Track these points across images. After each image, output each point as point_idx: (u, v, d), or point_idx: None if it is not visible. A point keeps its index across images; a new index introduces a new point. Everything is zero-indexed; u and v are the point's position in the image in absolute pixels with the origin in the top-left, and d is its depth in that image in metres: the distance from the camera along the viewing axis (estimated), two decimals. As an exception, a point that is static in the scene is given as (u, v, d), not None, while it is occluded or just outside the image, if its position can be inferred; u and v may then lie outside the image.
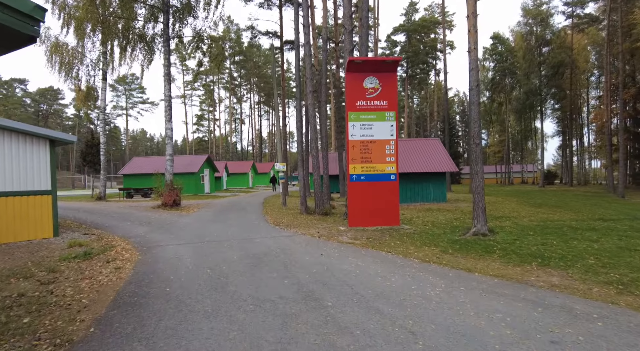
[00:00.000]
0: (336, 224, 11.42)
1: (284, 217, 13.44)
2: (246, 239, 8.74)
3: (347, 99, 10.44)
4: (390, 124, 10.45)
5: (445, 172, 18.74)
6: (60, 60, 19.49)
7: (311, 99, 13.90)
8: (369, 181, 10.34)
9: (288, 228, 10.79)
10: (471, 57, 9.04)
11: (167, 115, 17.99)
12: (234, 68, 63.00)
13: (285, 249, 7.46)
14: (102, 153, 21.38)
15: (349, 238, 8.88)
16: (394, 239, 8.54)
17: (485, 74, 62.95)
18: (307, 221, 12.35)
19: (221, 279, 5.24)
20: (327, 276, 5.41)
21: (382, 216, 10.36)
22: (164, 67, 17.98)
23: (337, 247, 7.70)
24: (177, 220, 12.74)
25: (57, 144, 9.58)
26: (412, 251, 7.31)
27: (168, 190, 17.35)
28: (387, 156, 10.42)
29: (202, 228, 10.85)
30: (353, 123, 10.37)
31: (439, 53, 53.00)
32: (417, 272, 5.67)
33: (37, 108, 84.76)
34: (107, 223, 12.15)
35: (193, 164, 30.18)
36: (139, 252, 7.31)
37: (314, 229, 10.26)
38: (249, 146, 77.72)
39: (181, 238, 8.96)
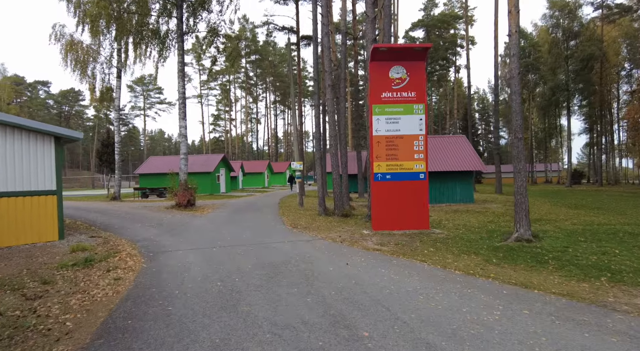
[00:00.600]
0: (358, 227, 10.55)
1: (301, 219, 12.66)
2: (262, 244, 7.97)
3: (370, 90, 9.56)
4: (418, 117, 9.52)
5: (472, 171, 17.62)
6: (75, 58, 19.24)
7: (330, 93, 13.06)
8: (396, 180, 9.44)
9: (306, 231, 9.99)
10: (512, 42, 8.03)
11: (182, 113, 17.47)
12: (249, 67, 62.75)
13: (305, 257, 6.65)
14: (117, 152, 21.09)
15: (374, 243, 8.01)
16: (426, 246, 7.62)
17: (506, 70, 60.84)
18: (326, 223, 11.53)
19: (233, 295, 4.47)
20: (356, 292, 4.57)
21: (410, 219, 9.44)
22: (178, 64, 17.48)
23: (363, 255, 6.84)
24: (189, 222, 12.12)
25: (63, 141, 9.03)
26: (451, 260, 6.39)
27: (182, 190, 16.82)
28: (415, 152, 9.49)
29: (215, 230, 10.16)
30: (377, 117, 9.48)
31: (459, 49, 51.39)
32: (463, 288, 4.77)
33: (60, 110, 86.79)
34: (117, 224, 11.62)
35: (209, 163, 29.78)
36: (144, 259, 6.63)
37: (335, 233, 9.43)
38: (265, 146, 77.51)
39: (192, 243, 8.27)
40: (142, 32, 18.29)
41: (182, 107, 17.43)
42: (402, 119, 9.48)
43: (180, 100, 17.41)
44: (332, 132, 13.20)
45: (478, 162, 17.71)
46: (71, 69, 19.14)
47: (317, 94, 13.78)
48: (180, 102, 17.43)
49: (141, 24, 17.95)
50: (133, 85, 76.67)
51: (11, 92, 69.97)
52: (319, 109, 13.99)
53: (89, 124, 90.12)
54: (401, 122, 9.48)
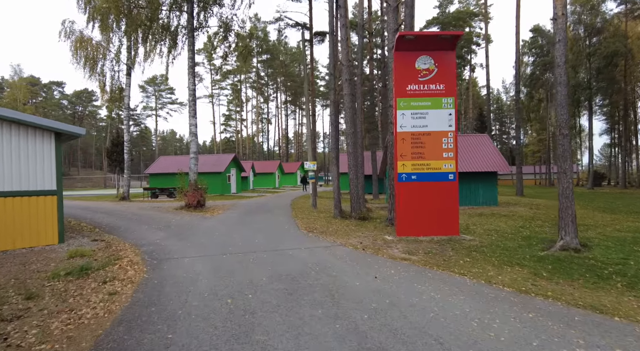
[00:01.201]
0: (379, 232, 9.74)
1: (316, 221, 11.90)
2: (276, 250, 7.23)
3: (395, 82, 8.75)
4: (448, 112, 8.67)
5: (496, 172, 16.63)
6: (85, 55, 18.85)
7: (348, 88, 12.28)
8: (422, 181, 8.60)
9: (323, 235, 9.22)
10: (558, 26, 7.14)
11: (192, 111, 16.89)
12: (260, 67, 62.34)
13: (326, 266, 5.88)
14: (126, 151, 20.65)
15: (401, 251, 7.20)
16: (460, 255, 6.77)
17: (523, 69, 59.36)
18: (343, 227, 10.74)
19: (246, 319, 3.72)
20: (394, 317, 3.78)
21: (437, 224, 8.59)
22: (188, 60, 16.91)
23: (391, 265, 6.03)
24: (199, 224, 11.47)
25: (64, 137, 8.45)
26: (493, 273, 5.55)
27: (192, 190, 16.23)
28: (444, 151, 8.65)
29: (226, 234, 9.46)
30: (402, 112, 8.67)
31: (474, 47, 50.10)
32: (522, 311, 3.94)
33: (74, 110, 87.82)
34: (123, 226, 11.03)
35: (219, 163, 29.26)
36: (147, 267, 5.94)
37: (355, 239, 8.64)
38: (276, 146, 77.05)
39: (200, 248, 7.58)
40: (152, 28, 17.80)
41: (193, 105, 16.86)
42: (429, 114, 8.65)
43: (191, 97, 16.84)
44: (350, 129, 12.42)
45: (502, 162, 16.72)
46: (81, 66, 18.76)
47: (333, 89, 13.01)
48: (190, 100, 16.86)
49: (151, 19, 17.44)
50: (145, 85, 77.12)
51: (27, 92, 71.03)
52: (335, 105, 13.21)
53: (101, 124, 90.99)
54: (428, 118, 8.65)
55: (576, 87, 42.24)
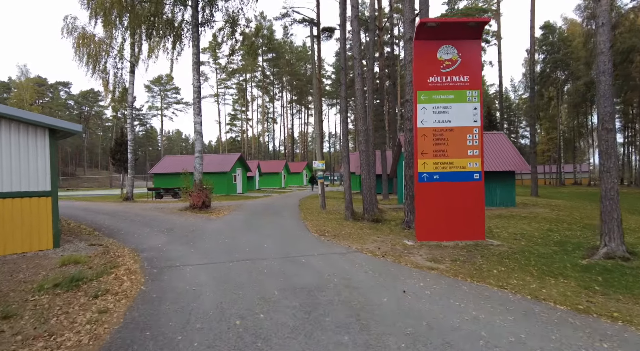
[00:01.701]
0: (396, 235, 9.06)
1: (326, 224, 11.26)
2: (288, 257, 6.59)
3: (415, 74, 8.07)
4: (472, 106, 7.97)
5: (513, 172, 15.85)
6: (87, 52, 18.37)
7: (360, 82, 11.62)
8: (445, 181, 7.91)
9: (336, 239, 8.57)
10: (602, 7, 6.42)
11: (196, 108, 16.33)
12: (266, 66, 61.82)
13: (345, 278, 5.23)
14: (130, 151, 20.16)
15: (425, 258, 6.52)
16: (492, 263, 6.08)
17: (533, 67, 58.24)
18: (356, 230, 10.08)
19: (258, 346, 3.08)
20: (437, 345, 3.11)
21: (462, 228, 7.90)
22: (192, 56, 16.34)
23: (418, 276, 5.37)
24: (204, 226, 10.87)
25: (59, 135, 7.89)
26: (536, 286, 4.86)
27: (197, 190, 15.67)
28: (468, 148, 7.95)
29: (232, 237, 8.85)
30: (423, 105, 7.98)
31: (484, 44, 49.08)
32: (591, 340, 3.25)
33: (80, 110, 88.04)
34: (124, 228, 10.46)
35: (225, 163, 28.73)
36: (145, 277, 5.33)
37: (371, 244, 7.97)
38: (281, 146, 76.53)
39: (205, 254, 6.96)
40: (156, 23, 17.27)
41: (197, 102, 16.29)
42: (452, 108, 7.96)
43: (195, 95, 16.27)
44: (362, 126, 11.75)
45: (520, 161, 15.94)
46: (83, 63, 18.28)
47: (344, 83, 12.36)
48: (195, 97, 16.29)
49: (155, 14, 16.91)
50: (150, 85, 77.01)
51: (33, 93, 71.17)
52: (345, 101, 12.54)
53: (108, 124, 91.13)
54: (452, 112, 7.96)
55: (590, 85, 41.17)
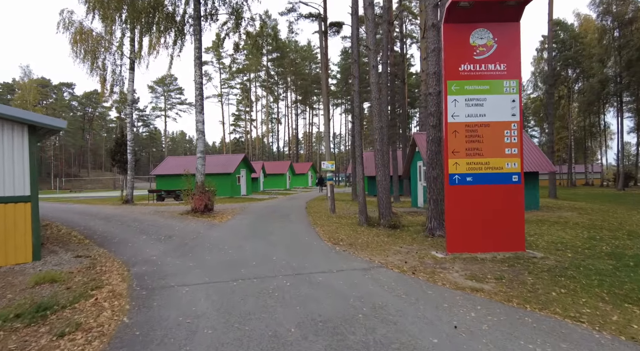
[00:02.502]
0: (420, 245, 8.07)
1: (339, 230, 10.29)
2: (301, 274, 5.62)
3: (445, 62, 7.08)
4: (510, 98, 6.97)
5: (537, 173, 14.79)
6: (84, 48, 17.55)
7: (375, 75, 10.65)
8: (479, 183, 6.92)
9: (353, 249, 7.60)
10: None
11: (198, 106, 15.44)
12: (270, 65, 61.01)
13: (376, 305, 4.25)
14: (129, 151, 19.30)
15: (463, 276, 5.53)
16: (546, 283, 5.07)
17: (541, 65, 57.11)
18: (373, 238, 9.10)
19: None
20: None
21: (498, 237, 6.89)
22: (194, 50, 15.46)
23: (464, 302, 4.38)
24: (206, 233, 9.94)
25: (41, 132, 6.99)
26: (619, 318, 3.84)
27: (199, 193, 14.76)
28: (506, 146, 6.95)
29: (237, 247, 7.90)
30: (454, 97, 6.99)
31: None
32: None
33: (84, 111, 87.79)
34: (118, 236, 9.56)
35: (229, 164, 27.86)
36: (131, 303, 4.38)
37: (395, 256, 6.99)
38: (285, 147, 75.61)
39: (205, 270, 6.01)
40: (156, 17, 16.40)
41: (199, 99, 15.40)
42: (488, 101, 6.96)
43: (197, 91, 15.38)
44: (377, 123, 10.77)
45: (544, 161, 14.88)
46: (80, 59, 17.46)
47: (357, 77, 11.38)
48: (196, 94, 15.40)
49: (155, 8, 16.05)
50: (154, 85, 76.52)
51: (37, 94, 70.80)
52: (359, 97, 11.57)
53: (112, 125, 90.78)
54: (487, 105, 6.96)
55: (605, 82, 39.90)
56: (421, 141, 15.33)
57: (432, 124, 9.09)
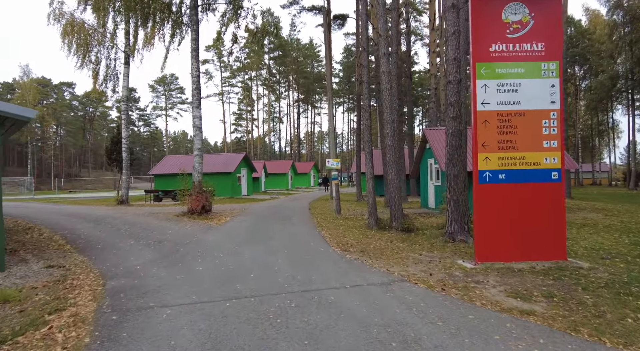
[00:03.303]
0: (440, 251, 7.12)
1: (348, 234, 9.35)
2: (308, 291, 4.68)
3: (473, 41, 6.12)
4: (549, 83, 6.01)
5: (557, 170, 13.77)
6: (76, 41, 16.67)
7: (386, 64, 9.70)
8: (513, 182, 5.96)
9: (366, 257, 6.67)
10: None
11: (195, 100, 14.53)
12: (272, 64, 60.10)
13: (407, 338, 3.30)
14: (125, 150, 18.41)
15: (504, 292, 4.57)
16: (611, 303, 4.11)
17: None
18: (386, 242, 8.16)
19: None
20: None
21: (535, 244, 5.94)
22: (191, 42, 14.54)
23: (519, 332, 3.42)
24: (200, 238, 9.02)
25: (8, 123, 6.07)
26: None
27: (196, 193, 13.85)
28: (544, 138, 6.00)
29: (234, 254, 6.98)
30: (484, 82, 6.03)
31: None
32: None
33: (85, 111, 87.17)
34: (104, 240, 8.65)
35: (229, 163, 26.94)
36: (93, 335, 3.44)
37: (416, 265, 6.04)
38: (287, 147, 74.67)
39: (194, 284, 5.08)
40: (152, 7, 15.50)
41: (196, 93, 14.49)
42: (523, 86, 6.00)
43: (194, 85, 14.46)
44: (389, 116, 9.82)
45: (567, 159, 13.86)
46: (72, 53, 16.57)
47: (365, 66, 10.43)
48: (193, 88, 14.48)
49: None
50: (155, 85, 75.81)
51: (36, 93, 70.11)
52: (367, 88, 10.62)
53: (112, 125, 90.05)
54: (522, 91, 6.00)
55: (616, 78, 38.81)
56: (432, 137, 14.37)
57: (453, 116, 8.13)
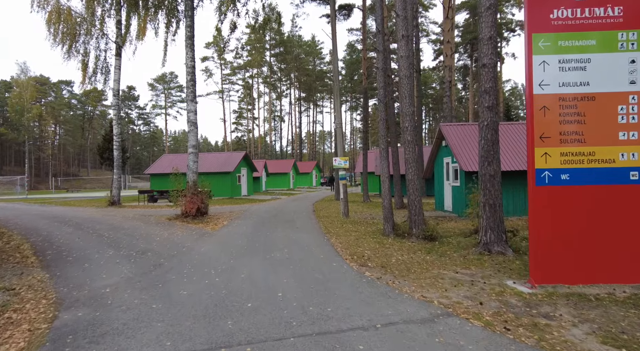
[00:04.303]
0: (479, 267, 5.86)
1: (361, 243, 8.11)
2: (326, 334, 3.42)
3: (528, 7, 4.86)
4: (628, 57, 4.75)
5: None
6: (62, 29, 15.45)
7: (405, 48, 8.46)
8: (581, 183, 4.72)
9: (389, 275, 5.44)
10: None
11: (190, 93, 13.31)
12: (273, 61, 58.83)
13: None
14: (116, 147, 17.18)
15: (592, 336, 3.32)
16: None
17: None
18: (409, 254, 6.92)
19: None
20: None
21: (609, 262, 4.69)
22: (186, 29, 13.33)
23: None
24: (191, 247, 7.80)
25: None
26: None
27: (190, 194, 12.64)
28: (620, 128, 4.74)
29: (227, 272, 5.74)
30: (543, 58, 4.78)
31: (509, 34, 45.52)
32: None
33: (84, 110, 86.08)
34: (79, 250, 7.42)
35: (229, 162, 25.70)
36: None
37: (456, 288, 4.79)
38: (288, 146, 73.40)
39: (173, 319, 3.83)
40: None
41: (191, 85, 13.26)
42: (593, 62, 4.75)
43: (189, 76, 13.24)
44: (408, 107, 8.57)
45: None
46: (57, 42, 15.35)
47: (381, 51, 9.17)
48: (188, 80, 13.26)
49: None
50: (154, 83, 74.69)
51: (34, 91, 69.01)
52: (383, 75, 9.37)
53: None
54: (592, 69, 4.75)
55: None
56: (451, 133, 13.11)
57: (488, 105, 6.88)
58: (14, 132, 65.69)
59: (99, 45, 16.67)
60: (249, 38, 55.24)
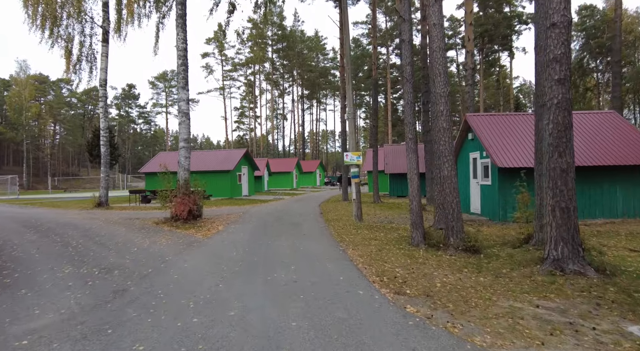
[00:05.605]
0: (561, 296, 4.19)
1: (386, 255, 6.46)
2: None
3: None
4: None
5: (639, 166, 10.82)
6: (41, 12, 13.86)
7: (437, 15, 6.80)
8: None
9: (440, 310, 3.79)
10: None
11: (181, 79, 11.69)
12: (276, 57, 57.20)
13: None
14: (103, 143, 15.60)
15: None
16: None
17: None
18: (455, 275, 5.26)
19: None
20: None
21: None
22: (176, 7, 11.72)
23: None
24: (172, 262, 6.16)
25: None
26: None
27: (181, 195, 11.03)
28: None
29: (212, 306, 4.08)
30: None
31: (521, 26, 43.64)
32: None
33: (84, 109, 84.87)
34: (28, 266, 5.81)
35: (228, 160, 24.09)
36: None
37: (552, 337, 3.12)
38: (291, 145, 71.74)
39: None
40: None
41: (183, 71, 11.64)
42: None
43: (180, 60, 11.62)
44: (443, 88, 6.89)
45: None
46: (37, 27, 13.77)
47: (407, 20, 7.45)
48: (179, 64, 11.64)
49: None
50: (155, 81, 73.36)
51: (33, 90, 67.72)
52: (409, 47, 7.69)
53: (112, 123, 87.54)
54: None
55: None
56: (480, 124, 11.45)
57: (558, 78, 5.21)
58: (13, 131, 64.47)
59: (83, 30, 15.09)
60: (251, 33, 53.71)
